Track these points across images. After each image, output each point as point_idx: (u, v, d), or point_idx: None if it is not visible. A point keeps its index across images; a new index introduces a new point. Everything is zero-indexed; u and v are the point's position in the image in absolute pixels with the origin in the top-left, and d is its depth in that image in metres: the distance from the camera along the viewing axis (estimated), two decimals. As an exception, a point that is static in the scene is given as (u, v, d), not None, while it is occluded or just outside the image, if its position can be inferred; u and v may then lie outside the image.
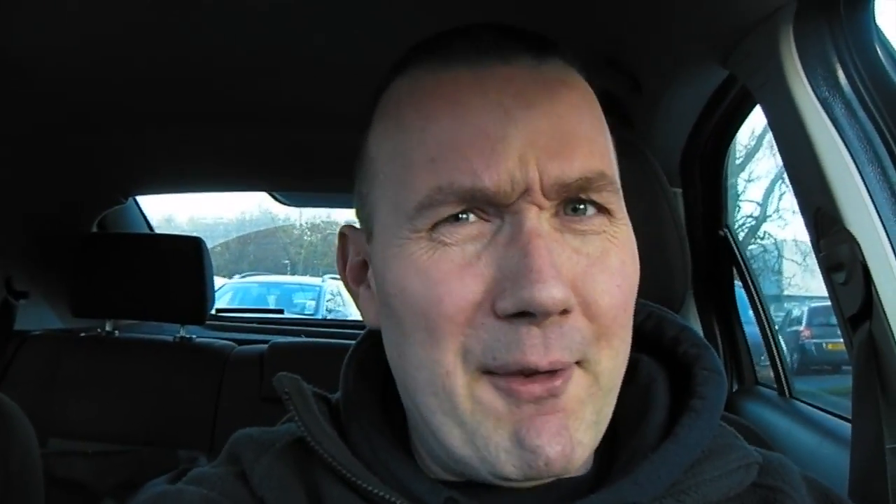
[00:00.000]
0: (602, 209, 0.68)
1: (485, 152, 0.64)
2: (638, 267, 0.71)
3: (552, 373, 0.63)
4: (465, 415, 0.65)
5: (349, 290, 0.81)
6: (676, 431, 0.70)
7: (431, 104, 0.68)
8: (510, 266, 0.63)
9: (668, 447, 0.69)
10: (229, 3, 1.33)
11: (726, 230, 1.99)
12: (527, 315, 0.62)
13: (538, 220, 0.64)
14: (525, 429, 0.63)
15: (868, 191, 1.01)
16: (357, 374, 0.78)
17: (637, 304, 0.81)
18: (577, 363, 0.65)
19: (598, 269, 0.66)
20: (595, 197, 0.67)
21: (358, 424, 0.75)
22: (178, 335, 2.68)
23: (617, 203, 0.69)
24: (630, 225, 0.72)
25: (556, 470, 0.63)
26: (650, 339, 0.81)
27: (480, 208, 0.65)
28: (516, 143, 0.65)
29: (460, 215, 0.65)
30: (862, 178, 1.02)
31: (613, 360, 0.67)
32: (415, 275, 0.66)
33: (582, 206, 0.67)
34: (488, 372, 0.64)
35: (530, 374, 0.63)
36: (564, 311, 0.63)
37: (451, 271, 0.65)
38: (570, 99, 0.69)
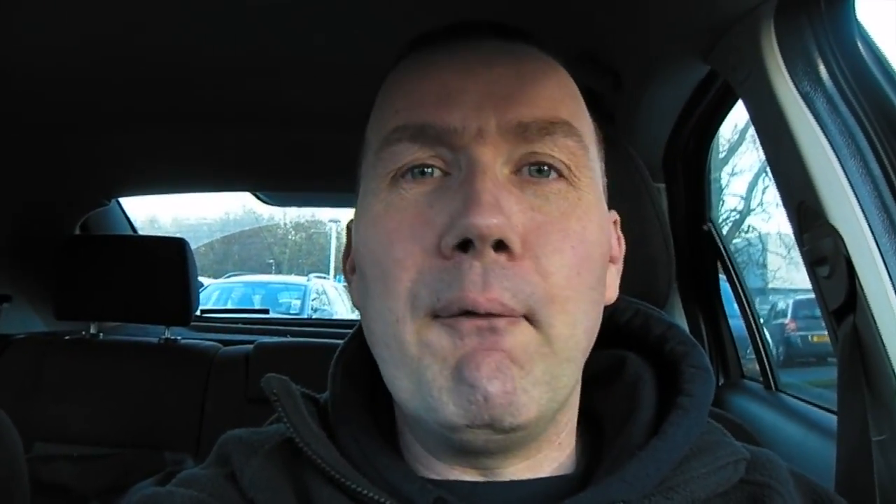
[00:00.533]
0: (566, 175, 0.69)
1: (441, 98, 0.69)
2: (604, 239, 0.71)
3: (493, 317, 0.63)
4: (412, 361, 0.66)
5: (346, 281, 0.82)
6: (664, 429, 0.70)
7: (408, 74, 0.73)
8: (458, 203, 0.65)
9: (656, 444, 0.69)
10: (214, 3, 1.32)
11: (710, 225, 2.00)
12: (469, 250, 0.63)
13: (493, 164, 0.67)
14: (465, 363, 0.63)
15: (850, 184, 1.01)
16: (345, 375, 0.78)
17: (623, 301, 0.82)
18: (527, 319, 0.65)
19: (553, 228, 0.67)
20: (559, 148, 0.69)
21: (346, 425, 0.75)
22: (162, 337, 2.66)
23: (584, 165, 0.71)
24: (602, 200, 0.73)
25: (497, 411, 0.63)
26: (637, 336, 0.82)
27: (440, 157, 0.69)
28: (474, 94, 0.69)
29: (425, 170, 0.69)
30: (844, 171, 1.02)
31: (570, 327, 0.66)
32: (373, 228, 0.70)
33: (546, 169, 0.69)
34: (437, 317, 0.65)
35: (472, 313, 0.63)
36: (507, 253, 0.64)
37: (403, 220, 0.68)
38: (536, 66, 0.73)
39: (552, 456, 0.72)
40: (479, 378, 0.62)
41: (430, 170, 0.69)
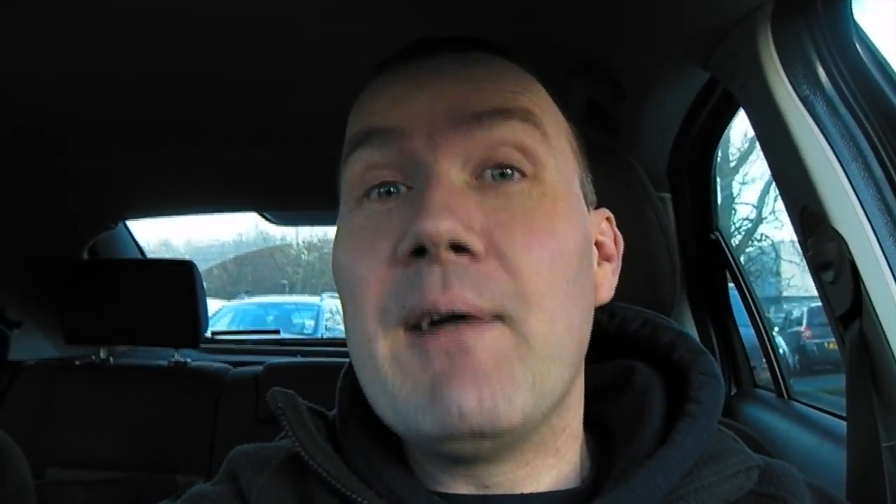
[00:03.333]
0: (529, 172, 0.68)
1: (390, 107, 0.70)
2: (578, 233, 0.70)
3: (460, 321, 0.63)
4: (388, 379, 0.66)
5: None
6: (673, 437, 0.69)
7: (363, 96, 0.75)
8: (408, 214, 0.65)
9: (664, 453, 0.68)
10: (220, 22, 1.33)
11: (718, 233, 1.99)
12: (426, 255, 0.63)
13: (448, 173, 0.67)
14: (437, 383, 0.62)
15: (853, 188, 1.01)
16: (353, 389, 0.77)
17: (631, 310, 0.81)
18: (500, 319, 0.64)
19: (518, 225, 0.66)
20: (517, 134, 0.68)
21: (353, 439, 0.74)
22: (172, 360, 2.66)
23: (546, 153, 0.70)
24: (573, 193, 0.73)
25: (475, 421, 0.62)
26: (646, 345, 0.81)
27: (399, 169, 0.69)
28: (423, 99, 0.69)
29: (391, 189, 0.69)
30: (846, 175, 1.01)
31: (548, 324, 0.65)
32: (339, 249, 0.71)
33: (509, 172, 0.68)
34: (408, 330, 0.65)
35: (437, 322, 0.63)
36: (468, 254, 0.63)
37: (363, 238, 0.68)
38: (489, 66, 0.73)
39: (549, 462, 0.71)
40: (452, 397, 0.62)
41: (395, 189, 0.69)
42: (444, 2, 1.23)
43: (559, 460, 0.72)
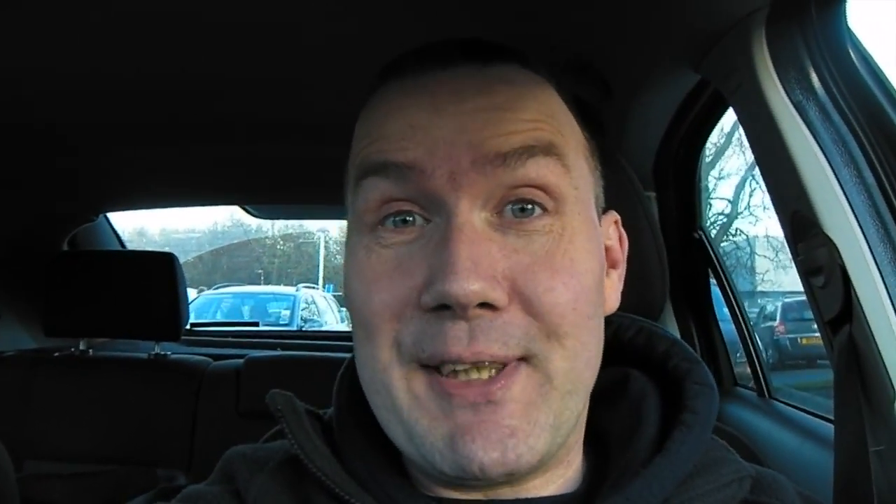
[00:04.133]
0: (550, 207, 0.68)
1: (406, 135, 0.68)
2: (595, 262, 0.70)
3: (490, 377, 0.63)
4: (403, 410, 0.66)
5: None
6: (668, 446, 0.69)
7: (376, 111, 0.72)
8: (435, 262, 0.64)
9: (659, 462, 0.68)
10: (200, 19, 1.31)
11: (701, 232, 2.00)
12: (450, 309, 0.62)
13: (469, 215, 0.66)
14: (459, 435, 0.63)
15: (844, 193, 1.01)
16: (350, 392, 0.77)
17: (626, 319, 0.82)
18: (525, 360, 0.64)
19: (540, 267, 0.66)
20: (540, 171, 0.67)
21: (352, 442, 0.74)
22: (152, 352, 2.65)
23: (567, 184, 0.69)
24: (590, 218, 0.72)
25: (495, 475, 0.63)
26: (641, 353, 0.81)
27: (416, 202, 0.68)
28: (444, 130, 0.67)
29: (406, 218, 0.68)
30: (838, 180, 1.02)
31: (570, 361, 0.66)
32: (355, 276, 0.69)
33: (529, 207, 0.67)
34: (424, 366, 0.65)
35: (464, 370, 0.63)
36: (492, 308, 0.63)
37: (383, 272, 0.67)
38: (512, 90, 0.71)
39: (559, 473, 0.72)
40: (475, 451, 0.62)
41: (411, 218, 0.68)
42: (443, 2, 1.23)
43: (567, 469, 0.73)
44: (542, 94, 0.73)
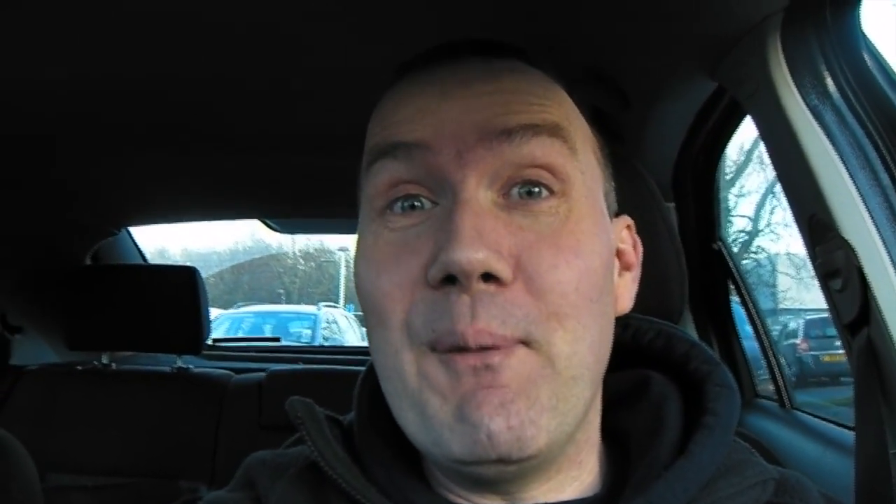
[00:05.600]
0: (556, 188, 0.68)
1: (415, 119, 0.69)
2: (603, 248, 0.70)
3: (488, 349, 0.63)
4: (414, 393, 0.66)
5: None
6: (690, 449, 0.69)
7: (387, 101, 0.74)
8: (441, 236, 0.64)
9: (682, 465, 0.68)
10: (221, 27, 1.33)
11: (720, 243, 1.99)
12: (456, 283, 0.62)
13: (475, 192, 0.66)
14: (466, 403, 0.63)
15: (861, 196, 1.01)
16: (371, 398, 0.77)
17: (644, 321, 0.81)
18: (525, 343, 0.64)
19: (545, 245, 0.66)
20: (545, 150, 0.68)
21: (372, 449, 0.74)
22: (174, 366, 2.66)
23: (574, 168, 0.70)
24: (598, 207, 0.72)
25: (504, 448, 0.62)
26: (660, 356, 0.81)
27: (423, 184, 0.68)
28: (450, 112, 0.68)
29: (415, 203, 0.69)
30: (854, 183, 1.02)
31: (571, 344, 0.65)
32: (363, 261, 0.70)
33: (536, 190, 0.68)
34: (434, 349, 0.64)
35: (465, 349, 0.63)
36: (496, 281, 0.63)
37: (389, 252, 0.68)
38: (518, 78, 0.72)
39: (573, 475, 0.71)
40: (481, 417, 0.62)
41: (419, 203, 0.69)
42: (455, 7, 1.23)
43: (581, 471, 0.72)
44: (550, 85, 0.74)
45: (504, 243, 0.64)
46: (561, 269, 0.65)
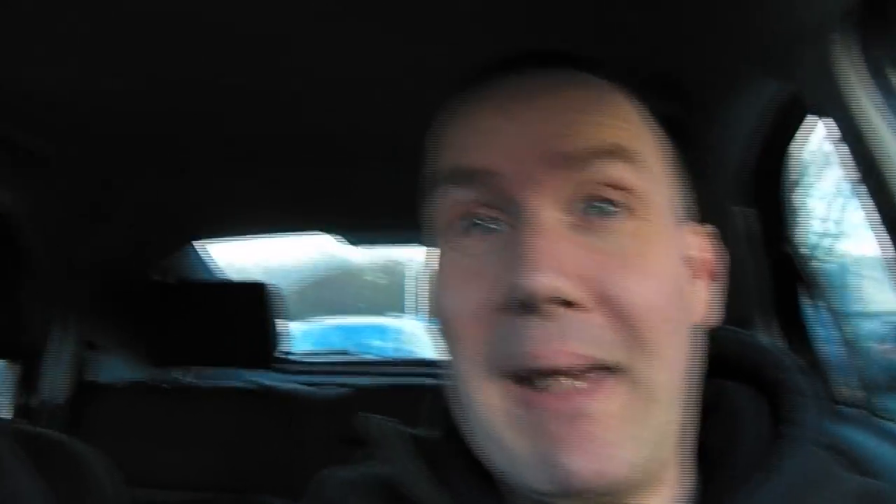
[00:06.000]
0: (625, 205, 0.66)
1: (480, 144, 0.67)
2: (675, 271, 0.68)
3: (574, 379, 0.61)
4: (487, 424, 0.65)
5: None
6: (772, 461, 0.67)
7: (446, 118, 0.73)
8: (511, 261, 0.63)
9: (764, 478, 0.66)
10: (289, 40, 1.34)
11: (792, 247, 1.94)
12: (528, 308, 0.61)
13: (544, 213, 0.64)
14: (555, 448, 0.61)
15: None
16: (448, 413, 0.75)
17: (719, 330, 0.79)
18: (611, 371, 0.62)
19: (618, 266, 0.64)
20: (613, 174, 0.66)
21: (450, 465, 0.73)
22: (251, 380, 2.69)
23: (644, 189, 0.67)
24: (670, 223, 0.70)
25: (586, 486, 0.60)
26: (734, 364, 0.78)
27: (493, 206, 0.67)
28: (512, 134, 0.67)
29: (484, 224, 0.67)
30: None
31: (667, 372, 0.64)
32: (441, 288, 0.69)
33: (606, 207, 0.66)
34: (511, 378, 0.63)
35: (552, 378, 0.61)
36: (569, 304, 0.61)
37: (457, 277, 0.67)
38: (583, 94, 0.70)
39: (662, 492, 0.69)
40: (559, 457, 0.60)
41: (488, 225, 0.67)
42: (520, 27, 1.22)
43: (670, 489, 0.70)
44: (616, 98, 0.72)
45: (575, 265, 0.62)
46: (642, 293, 0.63)
